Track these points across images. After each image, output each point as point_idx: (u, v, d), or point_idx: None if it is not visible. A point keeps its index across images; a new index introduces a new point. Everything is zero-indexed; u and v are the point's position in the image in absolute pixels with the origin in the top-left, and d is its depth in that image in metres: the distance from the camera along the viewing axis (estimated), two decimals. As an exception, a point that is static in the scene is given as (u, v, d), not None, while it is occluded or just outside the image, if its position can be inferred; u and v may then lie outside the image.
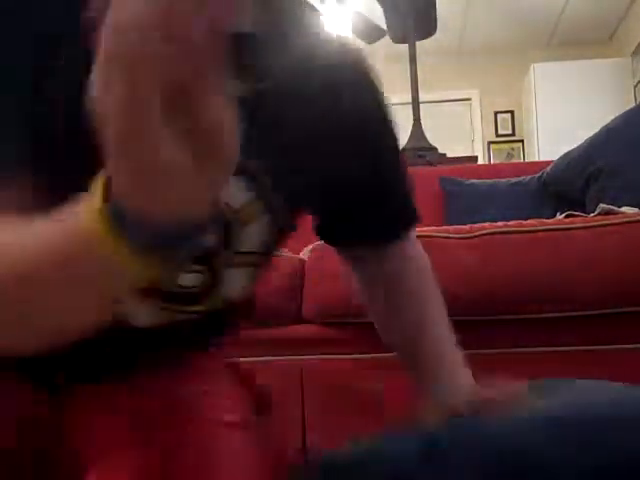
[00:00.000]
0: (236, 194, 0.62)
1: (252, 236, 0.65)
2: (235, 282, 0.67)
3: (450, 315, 0.90)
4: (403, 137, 3.19)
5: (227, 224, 0.63)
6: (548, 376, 0.80)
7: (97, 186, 0.38)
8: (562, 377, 0.88)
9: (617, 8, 5.69)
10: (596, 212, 1.53)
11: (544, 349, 1.29)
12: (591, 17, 5.76)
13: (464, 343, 1.29)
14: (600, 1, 5.51)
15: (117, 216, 0.37)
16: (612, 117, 2.11)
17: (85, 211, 0.38)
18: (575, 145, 2.17)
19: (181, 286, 0.63)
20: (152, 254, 0.39)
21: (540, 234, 1.29)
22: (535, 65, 5.80)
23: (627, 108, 2.16)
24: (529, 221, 1.34)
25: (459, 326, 0.86)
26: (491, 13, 5.71)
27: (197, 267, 0.63)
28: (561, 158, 2.18)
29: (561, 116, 5.54)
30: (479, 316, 1.27)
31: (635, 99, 5.47)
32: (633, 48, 5.59)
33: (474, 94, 6.50)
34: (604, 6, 5.59)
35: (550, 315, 1.27)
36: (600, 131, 2.09)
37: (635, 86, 5.56)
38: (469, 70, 6.29)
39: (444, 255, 1.25)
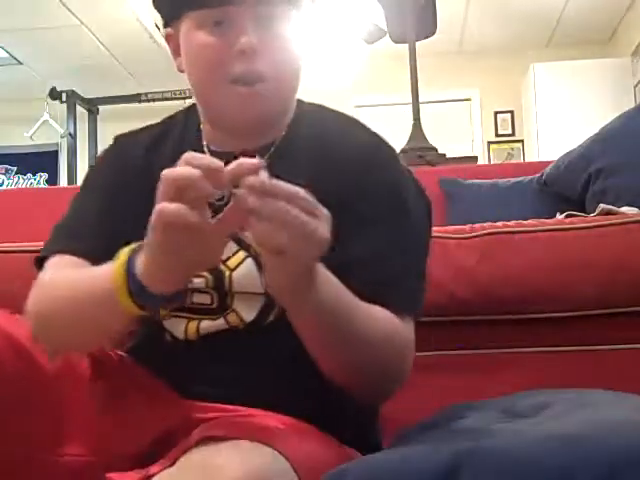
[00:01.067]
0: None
1: (244, 275, 0.87)
2: (244, 306, 0.88)
3: (449, 315, 0.90)
4: (403, 137, 3.18)
5: (221, 271, 0.87)
6: (548, 376, 0.80)
7: (121, 261, 0.71)
8: (562, 377, 0.88)
9: (617, 8, 5.69)
10: (596, 212, 1.54)
11: (544, 349, 1.29)
12: (591, 17, 5.76)
13: (464, 343, 1.29)
14: (600, 1, 5.51)
15: (133, 285, 0.70)
16: (612, 117, 2.10)
17: (116, 277, 0.71)
18: (575, 145, 2.17)
19: (199, 303, 0.89)
20: (148, 307, 0.72)
21: (540, 234, 1.29)
22: (535, 65, 5.79)
23: (627, 108, 2.16)
24: (529, 221, 1.34)
25: (459, 326, 0.86)
26: (491, 13, 5.71)
27: (210, 291, 0.88)
28: (561, 158, 2.18)
29: (561, 116, 5.54)
30: (479, 316, 1.27)
31: (635, 99, 5.47)
32: (633, 48, 5.59)
33: (474, 94, 6.50)
34: (604, 6, 5.59)
35: (550, 315, 1.27)
36: (600, 131, 2.09)
37: (635, 86, 5.56)
38: (469, 70, 6.29)
39: (444, 255, 1.25)
